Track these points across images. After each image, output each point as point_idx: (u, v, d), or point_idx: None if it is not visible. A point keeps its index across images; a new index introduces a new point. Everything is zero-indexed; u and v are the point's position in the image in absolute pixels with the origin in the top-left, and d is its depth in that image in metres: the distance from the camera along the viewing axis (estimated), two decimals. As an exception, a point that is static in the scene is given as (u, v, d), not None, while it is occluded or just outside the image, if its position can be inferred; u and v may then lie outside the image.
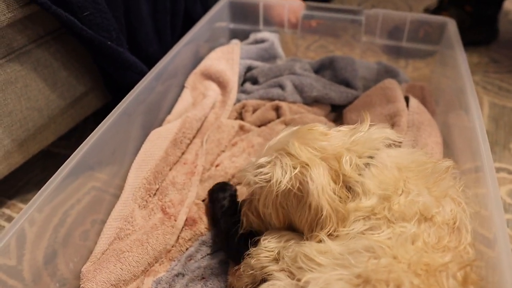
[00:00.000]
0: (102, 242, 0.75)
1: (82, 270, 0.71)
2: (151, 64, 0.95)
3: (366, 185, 0.59)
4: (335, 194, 0.59)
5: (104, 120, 0.78)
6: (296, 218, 0.62)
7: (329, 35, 1.42)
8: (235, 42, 1.27)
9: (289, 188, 0.60)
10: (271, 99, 1.06)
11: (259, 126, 1.01)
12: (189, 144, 0.93)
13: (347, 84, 1.09)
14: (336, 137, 0.63)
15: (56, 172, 0.67)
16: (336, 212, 0.58)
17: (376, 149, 0.62)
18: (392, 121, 0.93)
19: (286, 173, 0.60)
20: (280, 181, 0.60)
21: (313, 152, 0.61)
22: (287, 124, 0.97)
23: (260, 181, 0.63)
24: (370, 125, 0.66)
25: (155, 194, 0.84)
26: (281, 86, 1.07)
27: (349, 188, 0.60)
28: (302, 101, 1.06)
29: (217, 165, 0.90)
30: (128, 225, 0.77)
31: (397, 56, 1.33)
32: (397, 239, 0.52)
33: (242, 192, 0.83)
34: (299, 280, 0.52)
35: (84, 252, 0.74)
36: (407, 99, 0.99)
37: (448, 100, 1.00)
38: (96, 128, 0.76)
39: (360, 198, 0.58)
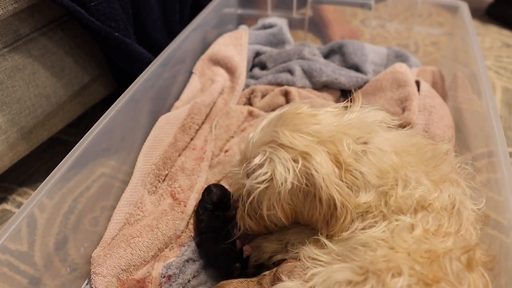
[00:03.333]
0: (112, 227, 0.75)
1: (92, 255, 0.72)
2: (159, 52, 0.94)
3: (366, 175, 0.55)
4: (342, 180, 0.55)
5: (112, 106, 0.78)
6: (306, 213, 0.58)
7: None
8: (243, 27, 1.26)
9: (296, 185, 0.55)
10: (280, 84, 1.05)
11: (268, 111, 1.00)
12: (197, 130, 0.93)
13: (357, 68, 1.08)
14: (327, 119, 0.58)
15: (64, 159, 0.67)
16: (348, 201, 0.55)
17: (372, 132, 0.58)
18: (403, 106, 0.92)
19: (289, 169, 0.54)
20: (285, 179, 0.55)
21: (308, 138, 0.55)
22: (296, 109, 0.96)
23: (260, 184, 0.57)
24: (362, 107, 0.62)
25: (164, 179, 0.84)
26: (290, 71, 1.06)
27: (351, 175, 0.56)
28: (311, 86, 1.04)
29: (226, 151, 0.89)
30: (138, 211, 0.78)
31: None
32: (392, 232, 0.51)
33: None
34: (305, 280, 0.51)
35: (94, 238, 0.75)
36: (418, 84, 0.97)
37: (459, 84, 0.99)
38: (104, 115, 0.76)
39: (359, 191, 0.55)
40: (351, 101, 0.62)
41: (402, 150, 0.57)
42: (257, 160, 0.57)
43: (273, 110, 0.99)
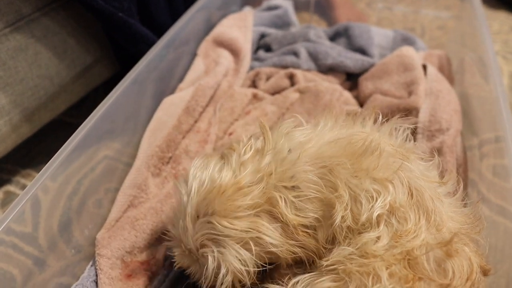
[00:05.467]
0: (116, 209, 0.75)
1: (97, 237, 0.72)
2: (162, 33, 0.93)
3: (311, 215, 0.50)
4: (298, 233, 0.50)
5: (115, 88, 0.77)
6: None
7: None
8: (248, 9, 1.24)
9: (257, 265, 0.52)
10: (285, 67, 1.03)
11: (273, 94, 0.99)
12: (202, 112, 0.92)
13: (363, 52, 1.07)
14: (249, 177, 0.52)
15: (68, 141, 0.67)
16: (314, 248, 0.51)
17: (295, 165, 0.51)
18: (409, 89, 0.91)
19: (245, 260, 0.51)
20: (246, 272, 0.51)
21: (246, 216, 0.50)
22: (301, 92, 0.95)
23: (226, 283, 0.52)
24: (272, 131, 0.55)
25: (168, 162, 0.84)
26: (295, 54, 1.05)
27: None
28: (316, 68, 1.03)
29: (230, 134, 0.89)
30: (142, 193, 0.77)
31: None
32: (358, 247, 0.47)
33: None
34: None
35: (98, 220, 0.75)
36: (424, 68, 0.96)
37: (466, 69, 0.97)
38: (107, 97, 0.75)
39: (317, 232, 0.51)
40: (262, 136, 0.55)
41: (335, 165, 0.50)
42: (210, 266, 0.52)
43: (277, 92, 0.99)
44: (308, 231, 0.51)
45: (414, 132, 0.80)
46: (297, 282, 0.49)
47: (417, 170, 0.52)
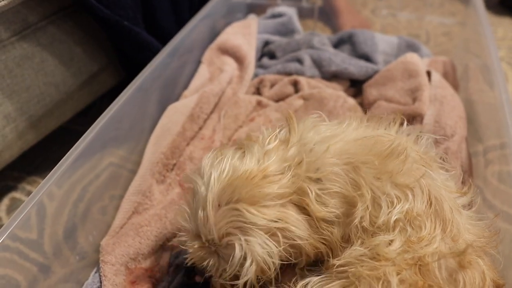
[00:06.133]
0: (120, 216, 0.76)
1: (101, 243, 0.72)
2: (167, 41, 0.94)
3: (334, 210, 0.50)
4: (322, 228, 0.50)
5: (120, 95, 0.78)
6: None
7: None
8: (252, 17, 1.25)
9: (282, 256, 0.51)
10: (289, 74, 1.04)
11: (277, 101, 1.00)
12: (206, 119, 0.92)
13: (367, 58, 1.07)
14: (276, 166, 0.51)
15: (73, 148, 0.67)
16: (335, 244, 0.51)
17: (321, 158, 0.51)
18: (414, 96, 0.91)
19: (273, 252, 0.49)
20: (272, 263, 0.50)
21: (274, 205, 0.49)
22: (305, 98, 0.96)
23: (249, 275, 0.50)
24: (298, 126, 0.55)
25: (172, 169, 0.84)
26: (299, 61, 1.05)
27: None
28: (320, 75, 1.04)
29: (234, 140, 0.89)
30: (146, 200, 0.78)
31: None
32: (371, 248, 0.47)
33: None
34: None
35: (103, 227, 0.75)
36: (429, 74, 0.96)
37: (471, 75, 0.97)
38: (112, 104, 0.76)
39: (339, 227, 0.50)
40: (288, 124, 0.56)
41: (360, 162, 0.50)
42: (237, 254, 0.50)
43: (281, 99, 1.00)
44: (329, 226, 0.50)
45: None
46: (307, 284, 0.49)
47: (439, 179, 0.52)
